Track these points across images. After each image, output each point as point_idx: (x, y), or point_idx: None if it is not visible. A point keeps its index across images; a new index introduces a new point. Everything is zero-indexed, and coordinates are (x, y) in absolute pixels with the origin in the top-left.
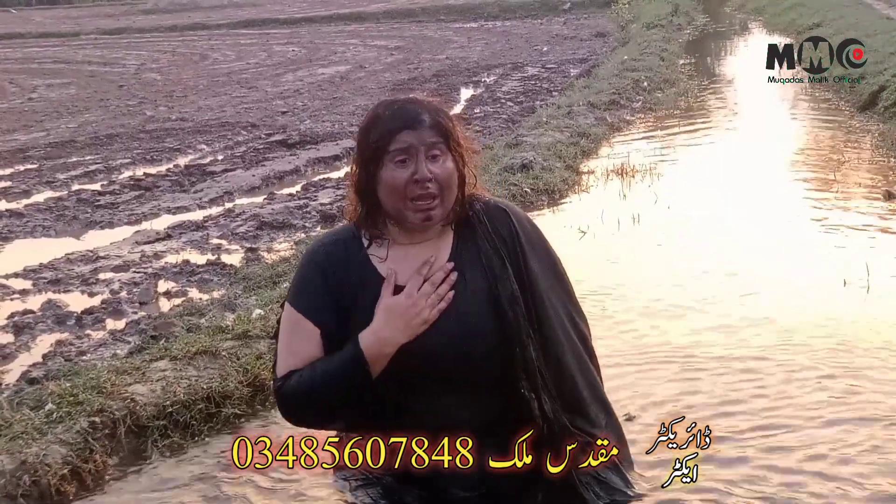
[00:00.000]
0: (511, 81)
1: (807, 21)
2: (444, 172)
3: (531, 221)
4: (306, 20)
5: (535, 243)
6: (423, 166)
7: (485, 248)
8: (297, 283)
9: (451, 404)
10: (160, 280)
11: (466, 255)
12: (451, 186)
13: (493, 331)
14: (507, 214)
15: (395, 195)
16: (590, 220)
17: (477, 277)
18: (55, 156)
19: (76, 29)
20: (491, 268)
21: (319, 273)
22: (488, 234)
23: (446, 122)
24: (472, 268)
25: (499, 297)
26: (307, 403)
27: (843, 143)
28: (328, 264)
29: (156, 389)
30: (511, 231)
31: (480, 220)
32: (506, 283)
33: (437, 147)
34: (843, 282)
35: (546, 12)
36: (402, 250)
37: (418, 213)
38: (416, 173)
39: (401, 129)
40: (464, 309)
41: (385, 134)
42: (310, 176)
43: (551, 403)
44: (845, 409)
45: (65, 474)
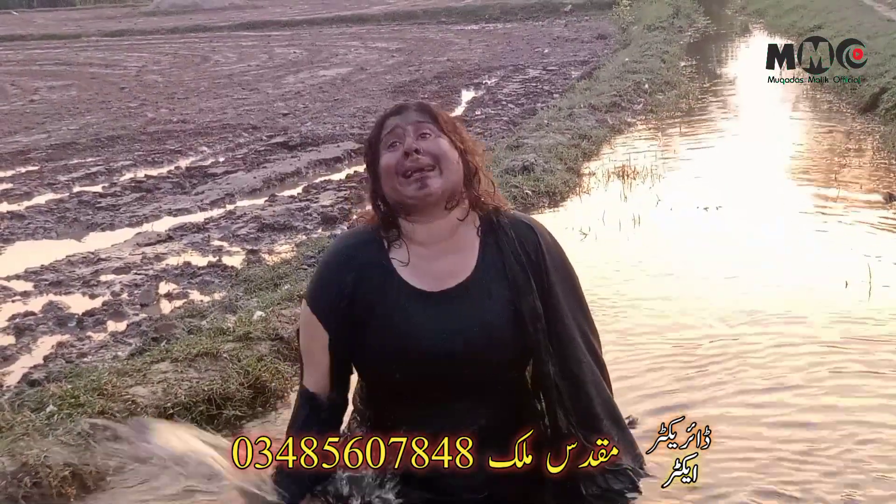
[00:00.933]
0: (512, 83)
1: (808, 23)
2: (435, 146)
3: (555, 239)
4: (307, 22)
5: (557, 262)
6: (409, 140)
7: (510, 262)
8: (317, 281)
9: (462, 409)
10: (161, 282)
11: (492, 266)
12: (449, 160)
13: (513, 342)
14: (534, 231)
15: (391, 176)
16: (591, 221)
17: (501, 289)
18: (56, 158)
19: (78, 31)
20: (515, 281)
21: (339, 276)
22: (514, 249)
23: (434, 108)
24: (497, 279)
25: (521, 311)
26: None
27: (845, 146)
28: (350, 268)
29: (157, 391)
30: (536, 248)
31: (507, 233)
32: (528, 298)
33: (424, 126)
34: (845, 283)
35: (547, 14)
36: (424, 256)
37: (413, 185)
38: (404, 148)
39: (388, 117)
40: (488, 319)
41: (376, 127)
42: (311, 178)
43: (566, 419)
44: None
45: (66, 476)
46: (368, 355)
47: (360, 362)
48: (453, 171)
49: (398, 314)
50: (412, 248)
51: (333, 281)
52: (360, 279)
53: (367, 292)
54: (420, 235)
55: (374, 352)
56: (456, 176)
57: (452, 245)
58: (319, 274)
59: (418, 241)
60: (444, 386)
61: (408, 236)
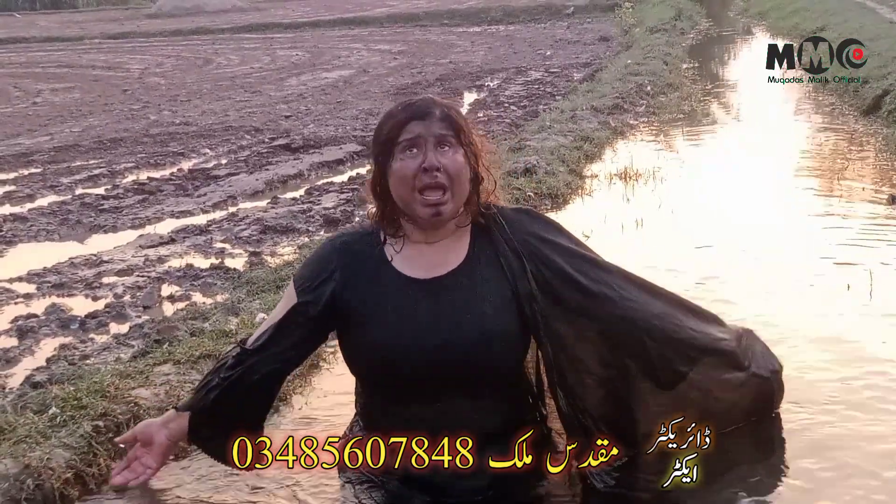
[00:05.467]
0: (514, 85)
1: (810, 25)
2: (453, 164)
3: (547, 217)
4: (310, 25)
5: (554, 239)
6: (431, 155)
7: (502, 250)
8: (306, 261)
9: (460, 406)
10: (164, 284)
11: (483, 257)
12: (462, 181)
13: (512, 331)
14: (524, 213)
15: (404, 186)
16: (593, 224)
17: (494, 279)
18: (59, 160)
19: (80, 33)
20: (510, 268)
21: (329, 258)
22: (506, 235)
23: (458, 117)
24: (490, 269)
25: (518, 294)
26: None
27: (847, 148)
28: (342, 254)
29: (159, 393)
30: (530, 231)
31: (497, 221)
32: (524, 281)
33: (446, 139)
34: (847, 286)
35: (549, 17)
36: (417, 248)
37: (427, 209)
38: (424, 162)
39: (410, 120)
40: (481, 306)
41: (395, 125)
42: (313, 180)
43: (568, 404)
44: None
45: (68, 478)
46: (361, 347)
47: (355, 358)
48: (463, 191)
49: (390, 303)
50: (408, 241)
51: (322, 262)
52: (352, 267)
53: (358, 281)
54: (418, 236)
55: (367, 343)
56: (465, 193)
57: (441, 236)
58: (312, 255)
59: (416, 239)
60: (438, 381)
61: (407, 234)
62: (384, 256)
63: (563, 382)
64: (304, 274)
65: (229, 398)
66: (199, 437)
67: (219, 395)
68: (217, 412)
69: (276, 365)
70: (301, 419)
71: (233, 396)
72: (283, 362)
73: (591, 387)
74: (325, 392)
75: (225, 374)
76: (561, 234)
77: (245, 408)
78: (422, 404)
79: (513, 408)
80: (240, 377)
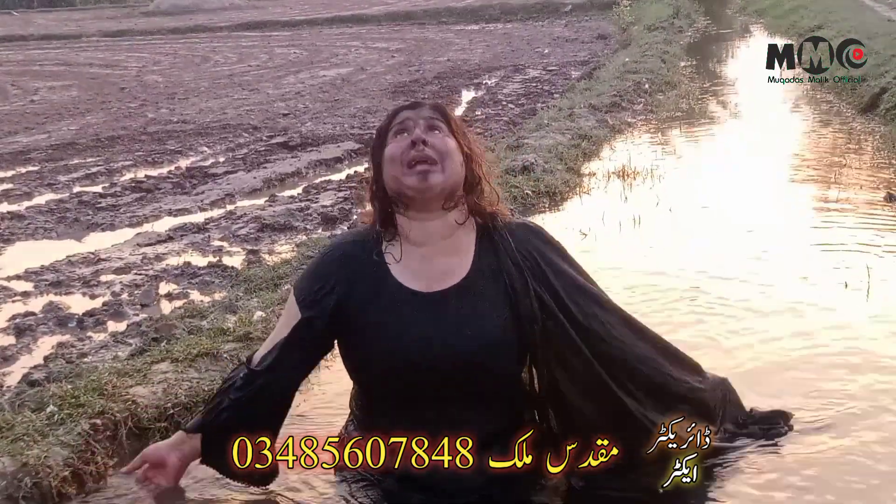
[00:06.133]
0: (512, 84)
1: (808, 23)
2: (442, 143)
3: (552, 238)
4: (308, 22)
5: (556, 262)
6: (418, 131)
7: (506, 265)
8: (306, 272)
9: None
10: (161, 282)
11: (487, 269)
12: (452, 160)
13: (512, 346)
14: (530, 231)
15: (395, 165)
16: (591, 222)
17: (497, 291)
18: (57, 158)
19: (78, 31)
20: (513, 286)
21: (329, 270)
22: (510, 251)
23: (448, 111)
24: (493, 282)
25: (519, 313)
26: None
27: (845, 146)
28: (342, 265)
29: (157, 391)
30: (533, 249)
31: (503, 236)
32: (526, 301)
33: (436, 125)
34: (845, 284)
35: (547, 15)
36: (417, 255)
37: (415, 176)
38: (412, 138)
39: (401, 110)
40: (482, 321)
41: (387, 117)
42: (311, 178)
43: (559, 422)
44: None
45: (66, 476)
46: (362, 358)
47: (356, 367)
48: (455, 171)
49: (391, 316)
50: (407, 247)
51: (322, 274)
52: (353, 279)
53: (359, 293)
54: (416, 234)
55: (368, 354)
56: (457, 176)
57: (448, 247)
58: (311, 266)
59: (414, 240)
60: (438, 390)
61: (404, 235)
62: (384, 264)
63: (553, 400)
64: (304, 287)
65: (242, 418)
66: (213, 458)
67: (231, 415)
68: (231, 432)
69: (285, 383)
70: (301, 419)
71: (245, 416)
72: (292, 378)
73: (577, 409)
74: (324, 392)
75: (234, 396)
76: (564, 260)
77: (259, 425)
78: (422, 407)
79: (513, 408)
80: (250, 398)
